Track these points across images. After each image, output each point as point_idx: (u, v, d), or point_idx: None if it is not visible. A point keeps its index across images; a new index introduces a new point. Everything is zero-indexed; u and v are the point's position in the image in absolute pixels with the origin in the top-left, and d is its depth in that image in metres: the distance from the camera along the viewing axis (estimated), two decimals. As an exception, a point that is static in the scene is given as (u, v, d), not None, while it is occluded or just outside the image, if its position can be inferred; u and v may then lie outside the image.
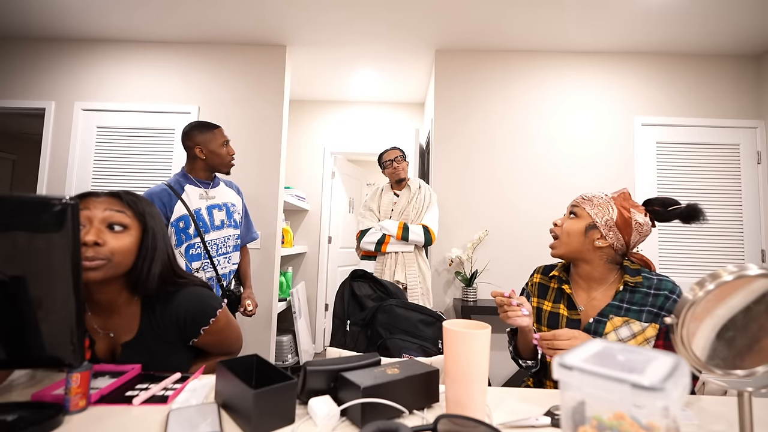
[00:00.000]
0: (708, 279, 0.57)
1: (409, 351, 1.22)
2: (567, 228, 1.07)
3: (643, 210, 1.04)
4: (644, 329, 0.97)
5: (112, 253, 0.79)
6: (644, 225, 1.02)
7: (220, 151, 1.74)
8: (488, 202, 2.71)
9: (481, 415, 0.67)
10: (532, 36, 2.59)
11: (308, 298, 3.75)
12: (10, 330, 0.63)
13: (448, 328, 0.68)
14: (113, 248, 0.80)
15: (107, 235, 0.80)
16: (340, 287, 1.50)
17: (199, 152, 1.71)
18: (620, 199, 1.05)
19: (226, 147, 1.77)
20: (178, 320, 0.89)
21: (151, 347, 0.87)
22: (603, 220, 1.03)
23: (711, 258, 2.57)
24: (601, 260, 1.05)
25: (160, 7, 2.38)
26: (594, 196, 1.08)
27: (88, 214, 0.79)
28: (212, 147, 1.72)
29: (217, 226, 1.73)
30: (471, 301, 2.47)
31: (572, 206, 1.10)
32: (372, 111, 3.88)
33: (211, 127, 1.75)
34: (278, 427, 0.64)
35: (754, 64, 2.70)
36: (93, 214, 0.80)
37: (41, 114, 2.75)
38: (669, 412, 0.38)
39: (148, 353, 0.87)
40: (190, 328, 0.90)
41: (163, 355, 0.88)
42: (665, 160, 2.67)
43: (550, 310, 1.11)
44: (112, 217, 0.81)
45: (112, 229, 0.81)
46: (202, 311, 0.91)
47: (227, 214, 1.78)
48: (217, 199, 1.77)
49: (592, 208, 1.05)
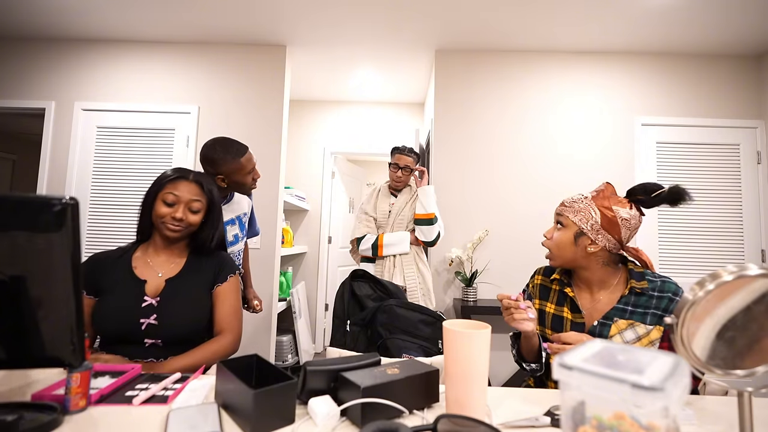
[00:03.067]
0: (708, 279, 0.57)
1: (409, 351, 1.22)
2: (557, 240, 1.07)
3: (627, 202, 1.02)
4: (649, 332, 0.97)
5: (189, 224, 1.13)
6: (631, 219, 1.00)
7: (245, 181, 1.55)
8: (488, 201, 2.71)
9: (481, 415, 0.67)
10: (532, 36, 2.59)
11: (308, 298, 3.75)
12: (10, 330, 0.63)
13: (448, 328, 0.68)
14: (190, 221, 1.13)
15: (188, 213, 1.13)
16: (340, 287, 1.50)
17: (221, 181, 1.51)
18: (600, 198, 1.03)
19: (251, 173, 1.56)
20: (216, 265, 1.18)
21: (187, 285, 1.12)
22: (588, 225, 1.01)
23: (711, 258, 2.57)
24: (598, 264, 1.04)
25: (160, 7, 2.38)
26: (574, 201, 1.06)
27: (178, 195, 1.11)
28: (237, 177, 1.52)
29: (231, 242, 1.65)
30: (471, 301, 2.47)
31: (557, 215, 1.09)
32: (372, 111, 3.88)
33: (238, 155, 1.50)
34: (278, 427, 0.64)
35: (755, 64, 2.70)
36: (181, 196, 1.12)
37: (41, 114, 2.75)
38: (669, 412, 0.38)
39: (183, 290, 1.10)
40: (222, 273, 1.18)
41: (195, 291, 1.12)
42: (665, 160, 2.67)
43: (554, 313, 1.10)
44: (193, 204, 1.13)
45: (191, 211, 1.13)
46: (233, 264, 1.23)
47: (240, 227, 1.70)
48: (231, 214, 1.64)
49: (575, 215, 1.04)
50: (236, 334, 1.12)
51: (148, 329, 1.02)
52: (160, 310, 1.04)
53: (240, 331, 1.15)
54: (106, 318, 1.02)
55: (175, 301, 1.07)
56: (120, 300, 1.04)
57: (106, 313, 1.02)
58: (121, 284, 1.07)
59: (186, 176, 1.14)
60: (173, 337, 1.04)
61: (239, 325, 1.15)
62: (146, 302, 1.04)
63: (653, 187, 1.01)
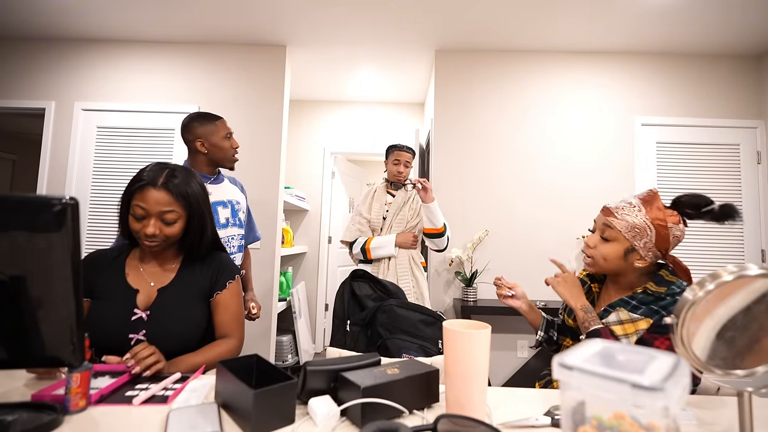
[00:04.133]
0: (708, 279, 0.57)
1: (409, 351, 1.22)
2: (603, 253, 1.00)
3: (677, 218, 0.97)
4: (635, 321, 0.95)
5: (166, 237, 1.02)
6: (681, 235, 0.97)
7: (223, 144, 1.63)
8: (488, 201, 2.71)
9: (481, 415, 0.67)
10: (532, 36, 2.59)
11: (308, 298, 3.75)
12: (11, 330, 0.63)
13: (448, 328, 0.68)
14: (167, 234, 1.01)
15: (162, 226, 1.00)
16: (340, 287, 1.50)
17: (200, 146, 1.61)
18: (653, 210, 0.96)
19: (229, 140, 1.66)
20: (212, 272, 1.10)
21: (180, 295, 1.05)
22: (642, 243, 0.96)
23: (711, 258, 2.57)
24: (637, 273, 1.01)
25: (160, 7, 2.38)
26: (624, 211, 0.97)
27: (146, 208, 0.98)
28: (214, 140, 1.62)
29: (222, 224, 1.62)
30: (471, 301, 2.47)
31: (603, 225, 1.01)
32: (372, 111, 3.88)
33: (212, 119, 1.64)
34: (278, 427, 0.64)
35: (755, 64, 2.70)
36: (149, 209, 0.98)
37: (41, 114, 2.75)
38: (669, 412, 0.38)
39: (175, 303, 1.04)
40: (220, 280, 1.10)
41: (188, 304, 1.05)
42: (665, 160, 2.67)
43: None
44: (166, 216, 1.00)
45: (165, 222, 1.01)
46: (232, 269, 1.14)
47: (232, 212, 1.68)
48: (221, 196, 1.66)
49: (628, 231, 0.97)
50: (240, 339, 1.10)
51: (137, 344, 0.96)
52: (150, 325, 1.00)
53: (243, 336, 1.12)
54: (96, 327, 0.98)
55: (165, 315, 1.01)
56: (110, 309, 1.00)
57: (96, 322, 0.99)
58: (112, 291, 1.03)
59: (154, 182, 0.99)
60: (163, 353, 0.94)
61: (242, 330, 1.12)
62: (136, 315, 1.00)
63: (703, 202, 0.96)
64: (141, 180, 0.99)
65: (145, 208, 0.98)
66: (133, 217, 0.99)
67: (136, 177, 1.01)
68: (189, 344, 1.02)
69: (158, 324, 1.00)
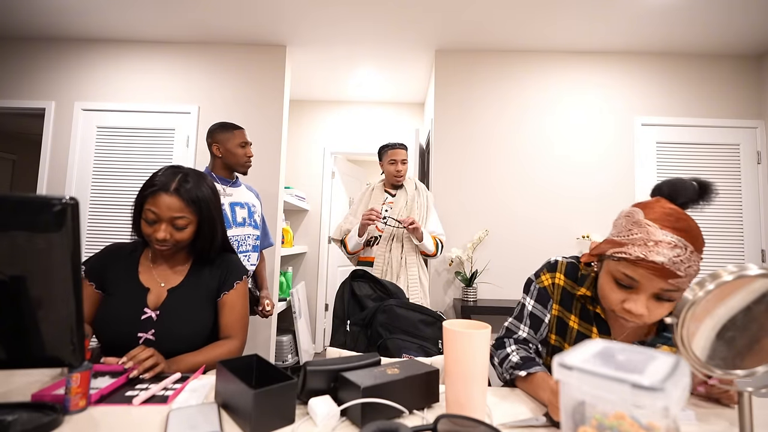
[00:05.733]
0: (708, 279, 0.57)
1: (409, 351, 1.22)
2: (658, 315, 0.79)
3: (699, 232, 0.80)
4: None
5: (177, 241, 1.03)
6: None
7: (236, 151, 1.79)
8: (488, 201, 2.71)
9: (481, 415, 0.67)
10: (532, 36, 2.59)
11: (308, 298, 3.75)
12: (10, 330, 0.63)
13: (448, 328, 0.68)
14: (177, 239, 1.03)
15: (173, 231, 1.02)
16: (340, 287, 1.49)
17: (216, 150, 1.78)
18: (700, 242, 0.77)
19: (243, 148, 1.81)
20: (221, 273, 1.12)
21: (190, 296, 1.07)
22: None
23: (711, 258, 2.57)
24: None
25: (160, 7, 2.38)
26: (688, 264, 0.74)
27: (158, 213, 1.00)
28: (228, 146, 1.78)
29: (239, 223, 1.78)
30: (471, 301, 2.47)
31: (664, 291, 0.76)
32: (372, 111, 3.88)
33: (231, 128, 1.81)
34: (278, 427, 0.64)
35: (755, 64, 2.70)
36: (161, 214, 1.00)
37: (41, 114, 2.75)
38: (669, 412, 0.38)
39: (185, 303, 1.05)
40: (228, 281, 1.12)
41: (196, 306, 1.07)
42: (665, 160, 2.67)
43: (578, 329, 0.94)
44: (177, 221, 1.02)
45: (176, 228, 1.02)
46: (240, 269, 1.17)
47: (248, 213, 1.83)
48: (239, 198, 1.82)
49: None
50: (242, 341, 1.11)
51: (145, 343, 0.99)
52: (159, 325, 1.01)
53: (245, 337, 1.13)
54: (105, 323, 1.00)
55: (174, 316, 1.03)
56: (121, 307, 1.02)
57: (106, 318, 1.00)
58: (124, 287, 1.04)
59: (166, 188, 1.01)
60: (170, 353, 0.97)
61: (245, 331, 1.13)
62: (146, 314, 1.01)
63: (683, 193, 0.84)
64: (154, 185, 1.01)
65: (157, 213, 1.00)
66: (145, 221, 1.01)
67: (149, 181, 1.03)
68: (196, 345, 1.03)
69: (167, 324, 1.01)
